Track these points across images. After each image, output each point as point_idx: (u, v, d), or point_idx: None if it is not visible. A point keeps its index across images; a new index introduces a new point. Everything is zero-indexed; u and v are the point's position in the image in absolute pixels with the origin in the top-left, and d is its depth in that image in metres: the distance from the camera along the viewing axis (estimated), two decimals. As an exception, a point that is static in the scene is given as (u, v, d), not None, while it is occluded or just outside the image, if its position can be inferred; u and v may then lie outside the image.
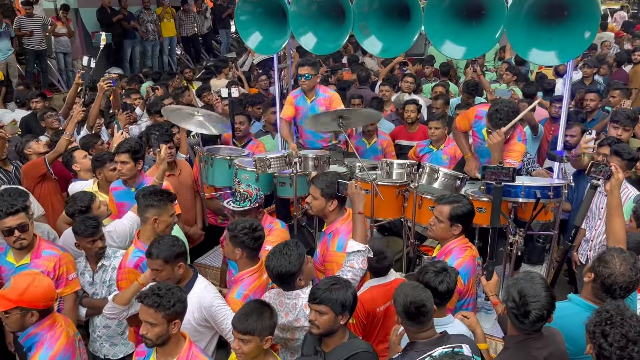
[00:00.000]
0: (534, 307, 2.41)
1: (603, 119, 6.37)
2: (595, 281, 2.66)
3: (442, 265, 2.87)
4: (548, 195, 3.84)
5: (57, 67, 11.17)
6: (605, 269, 2.61)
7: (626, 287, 2.58)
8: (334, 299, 2.64)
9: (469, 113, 4.80)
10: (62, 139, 4.74)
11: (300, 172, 4.41)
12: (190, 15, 13.70)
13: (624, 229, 3.27)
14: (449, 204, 3.38)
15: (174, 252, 3.08)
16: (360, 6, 4.86)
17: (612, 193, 3.32)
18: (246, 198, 3.68)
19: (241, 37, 5.69)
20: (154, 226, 3.46)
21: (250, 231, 3.19)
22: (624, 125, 4.78)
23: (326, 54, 6.80)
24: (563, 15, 4.19)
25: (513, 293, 2.47)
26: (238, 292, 3.19)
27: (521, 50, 4.41)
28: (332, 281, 2.75)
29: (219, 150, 5.17)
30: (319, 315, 2.66)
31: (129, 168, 4.14)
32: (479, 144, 4.69)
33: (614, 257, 2.62)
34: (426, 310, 2.57)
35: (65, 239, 3.92)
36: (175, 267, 3.10)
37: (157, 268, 3.07)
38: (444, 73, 9.09)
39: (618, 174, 3.34)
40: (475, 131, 4.71)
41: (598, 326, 2.21)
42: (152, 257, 3.07)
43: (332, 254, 3.51)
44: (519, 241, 3.90)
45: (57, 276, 3.44)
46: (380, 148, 5.89)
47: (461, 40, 4.58)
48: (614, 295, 2.59)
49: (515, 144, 4.40)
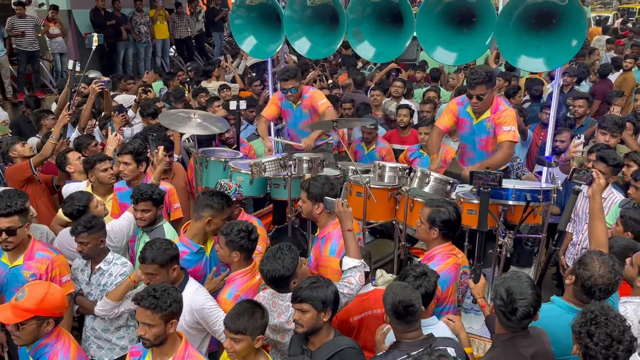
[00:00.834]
0: (520, 304, 2.49)
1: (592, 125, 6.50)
2: (576, 283, 2.74)
3: (422, 269, 2.95)
4: (538, 198, 3.92)
5: (51, 68, 11.14)
6: (585, 272, 2.68)
7: (605, 288, 2.66)
8: (315, 297, 2.70)
9: (450, 106, 4.90)
10: (48, 143, 4.76)
11: (295, 175, 4.47)
12: (184, 18, 13.74)
13: (606, 233, 3.36)
14: (430, 207, 3.45)
15: (169, 256, 3.12)
16: (354, 12, 4.94)
17: (594, 198, 3.41)
18: (225, 190, 3.81)
19: (236, 41, 5.75)
20: (206, 226, 3.53)
21: (246, 234, 3.23)
22: (612, 131, 4.88)
23: (320, 58, 6.87)
24: (551, 24, 4.30)
25: (501, 291, 2.55)
26: (229, 292, 3.24)
27: (510, 57, 4.52)
28: (313, 280, 2.82)
29: (214, 152, 5.22)
30: (302, 314, 2.72)
31: (131, 169, 4.16)
32: (469, 127, 4.75)
33: (594, 259, 2.70)
34: (414, 310, 2.64)
35: (60, 239, 3.94)
36: (170, 271, 3.14)
37: (151, 272, 3.09)
38: (435, 78, 9.19)
39: (599, 179, 3.43)
40: (461, 117, 4.78)
41: (584, 326, 2.28)
42: (146, 262, 3.09)
43: (325, 258, 3.56)
44: (509, 243, 3.99)
45: (49, 279, 3.42)
46: (379, 155, 5.88)
47: (452, 46, 4.68)
48: (594, 296, 2.66)
49: (506, 109, 4.50)
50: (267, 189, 4.84)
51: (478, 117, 4.59)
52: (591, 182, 3.41)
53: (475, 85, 4.36)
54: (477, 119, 4.61)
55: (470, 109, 4.65)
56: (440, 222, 3.37)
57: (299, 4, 5.20)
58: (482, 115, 4.56)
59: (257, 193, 4.86)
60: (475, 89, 4.39)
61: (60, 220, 4.07)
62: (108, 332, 3.58)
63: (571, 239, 4.60)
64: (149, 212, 3.74)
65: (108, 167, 4.32)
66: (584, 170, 3.48)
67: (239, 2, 5.53)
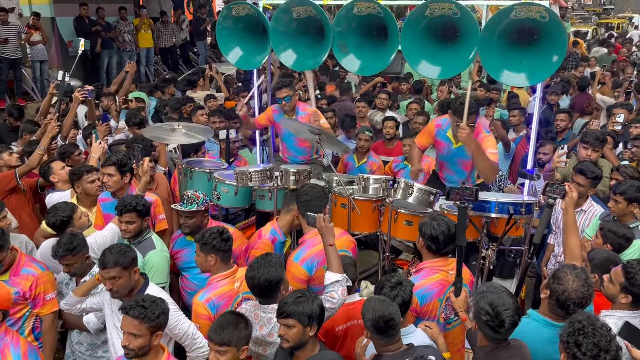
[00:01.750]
0: (506, 315, 2.54)
1: (573, 138, 6.63)
2: (550, 297, 2.79)
3: (397, 279, 2.98)
4: (520, 211, 3.99)
5: (32, 75, 11.03)
6: (559, 286, 2.73)
7: (579, 302, 2.71)
8: (300, 312, 2.71)
9: (428, 127, 4.97)
10: (35, 153, 4.72)
11: (280, 186, 4.48)
12: (169, 27, 13.74)
13: (579, 246, 3.44)
14: (426, 217, 3.51)
15: (129, 258, 3.13)
16: (340, 25, 4.98)
17: (567, 211, 3.49)
18: (193, 201, 3.92)
19: (222, 52, 5.76)
20: (294, 219, 3.91)
21: (218, 234, 3.31)
22: (593, 146, 4.96)
23: (306, 70, 6.91)
24: (533, 39, 4.38)
25: (484, 307, 2.58)
26: (203, 294, 3.29)
27: (493, 71, 4.59)
28: (298, 294, 2.83)
29: (199, 163, 5.20)
30: (288, 329, 2.73)
31: (114, 180, 4.13)
32: (447, 150, 4.81)
33: (567, 273, 2.75)
34: (394, 324, 2.67)
35: (42, 252, 3.89)
36: (132, 273, 3.15)
37: (114, 275, 3.07)
38: (417, 90, 9.28)
39: (572, 192, 3.51)
40: (439, 140, 4.84)
41: (571, 336, 2.33)
42: (108, 266, 3.07)
43: (289, 262, 3.62)
44: (491, 255, 4.04)
45: (33, 296, 3.40)
46: (369, 170, 5.86)
47: (436, 60, 4.73)
48: (568, 310, 2.71)
49: (485, 136, 4.54)
50: (252, 200, 4.84)
51: (457, 142, 4.63)
52: (564, 196, 3.49)
53: (468, 116, 4.37)
54: (456, 143, 4.66)
55: (451, 134, 4.70)
56: (425, 234, 3.39)
57: (285, 16, 5.23)
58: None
59: (242, 204, 4.85)
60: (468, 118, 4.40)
61: (44, 232, 4.01)
62: (95, 347, 3.57)
63: (553, 251, 4.68)
64: (134, 223, 3.72)
65: (95, 178, 4.30)
66: (557, 184, 3.56)
67: (225, 13, 5.54)
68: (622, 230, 3.59)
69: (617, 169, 4.67)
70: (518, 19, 4.27)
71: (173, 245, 4.21)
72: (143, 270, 3.64)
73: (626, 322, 2.73)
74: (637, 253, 3.68)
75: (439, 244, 3.35)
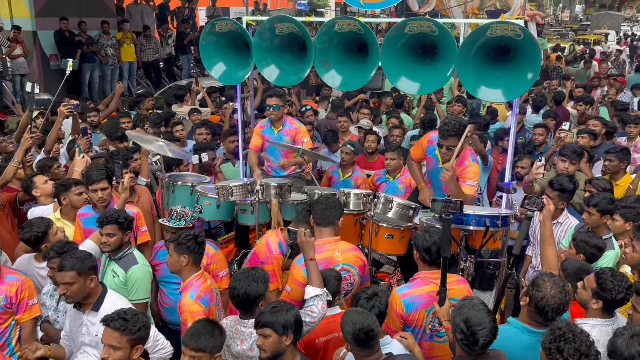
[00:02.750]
0: (481, 334, 2.60)
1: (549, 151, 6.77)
2: (530, 304, 2.88)
3: (372, 290, 3.07)
4: (497, 223, 4.09)
5: (12, 89, 10.95)
6: (538, 293, 2.83)
7: (557, 308, 2.80)
8: (275, 321, 2.77)
9: (421, 141, 5.08)
10: (9, 166, 4.71)
11: (262, 200, 4.52)
12: (152, 41, 13.74)
13: (556, 256, 3.54)
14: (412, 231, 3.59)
15: (87, 265, 3.16)
16: (321, 42, 5.07)
17: (544, 224, 3.60)
18: (182, 217, 3.95)
19: (205, 67, 5.81)
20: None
21: (193, 237, 3.40)
22: (571, 159, 5.10)
23: (288, 85, 6.98)
24: (509, 57, 4.50)
25: (460, 324, 2.64)
26: (190, 294, 3.33)
27: (471, 87, 4.70)
28: (273, 305, 2.89)
29: (181, 177, 5.23)
30: (264, 339, 2.78)
31: (108, 193, 4.20)
32: (433, 167, 4.91)
33: (545, 281, 2.85)
34: (374, 334, 2.74)
35: (19, 265, 3.88)
36: (88, 280, 3.17)
37: (69, 281, 3.10)
38: (398, 105, 9.42)
39: (549, 205, 3.62)
40: (428, 155, 4.95)
41: (553, 343, 2.43)
42: (64, 269, 3.11)
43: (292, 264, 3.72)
44: (470, 267, 4.12)
45: (18, 301, 3.40)
46: (354, 184, 5.91)
47: (416, 76, 4.83)
48: (547, 317, 2.81)
49: (470, 165, 4.65)
50: (234, 213, 4.87)
51: (444, 162, 4.72)
52: (542, 208, 3.59)
53: (447, 137, 4.48)
54: (442, 162, 4.76)
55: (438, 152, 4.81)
56: (419, 246, 3.48)
57: (268, 32, 5.30)
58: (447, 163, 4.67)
59: (224, 217, 4.89)
60: (447, 140, 4.50)
61: (25, 247, 3.99)
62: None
63: (531, 262, 4.77)
64: (115, 236, 3.72)
65: (83, 190, 4.30)
66: (534, 197, 3.66)
67: (209, 29, 5.60)
68: (594, 241, 3.70)
69: (590, 182, 4.80)
70: (494, 36, 4.39)
71: (155, 255, 4.23)
72: (125, 286, 3.66)
73: None
74: (610, 263, 3.80)
75: (432, 254, 3.45)
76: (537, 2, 27.62)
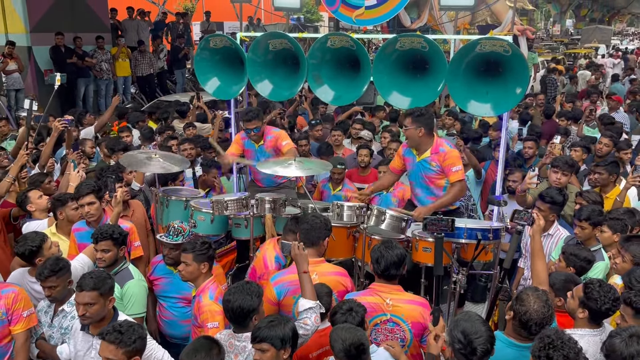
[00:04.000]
0: (478, 343, 2.62)
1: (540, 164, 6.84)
2: (514, 318, 2.92)
3: (348, 305, 3.11)
4: (488, 237, 4.14)
5: (7, 104, 10.98)
6: (521, 307, 2.87)
7: (540, 322, 2.83)
8: (273, 335, 2.77)
9: (399, 150, 5.16)
10: (3, 181, 4.73)
11: (256, 214, 4.56)
12: (146, 56, 13.84)
13: (545, 270, 3.57)
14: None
15: (108, 285, 3.14)
16: (314, 57, 5.16)
17: (534, 238, 3.65)
18: (179, 233, 3.98)
19: (199, 82, 5.88)
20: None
21: (208, 245, 3.57)
22: (563, 170, 5.15)
23: (281, 100, 7.06)
24: (498, 72, 4.60)
25: (457, 335, 2.67)
26: (209, 295, 3.49)
27: (461, 101, 4.78)
28: (270, 319, 2.89)
29: (175, 191, 5.25)
30: (262, 354, 2.78)
31: (96, 207, 4.18)
32: (412, 164, 4.92)
33: (529, 295, 2.89)
34: (364, 348, 2.77)
35: (12, 278, 3.88)
36: (107, 302, 3.14)
37: (89, 301, 3.04)
38: (393, 119, 9.49)
39: (539, 220, 3.66)
40: (406, 157, 4.99)
41: (542, 350, 2.46)
42: (85, 289, 3.04)
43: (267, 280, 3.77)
44: (462, 280, 4.15)
45: (12, 311, 3.39)
46: (344, 197, 5.92)
47: (407, 91, 4.93)
48: (531, 331, 2.84)
49: (448, 151, 4.67)
50: (228, 228, 4.89)
51: (420, 155, 4.79)
52: (532, 223, 3.64)
53: (405, 117, 4.66)
54: (419, 156, 4.81)
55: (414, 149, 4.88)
56: (372, 257, 3.53)
57: (262, 48, 5.39)
58: (423, 154, 4.76)
59: (218, 231, 4.90)
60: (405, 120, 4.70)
61: (20, 261, 3.99)
62: None
63: (523, 274, 4.81)
64: (110, 252, 3.73)
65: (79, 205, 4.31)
66: (524, 211, 3.70)
67: (204, 45, 5.68)
68: (583, 254, 3.73)
69: (580, 194, 4.86)
70: (484, 52, 4.49)
71: (153, 270, 4.23)
72: (121, 301, 3.67)
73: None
74: (600, 274, 3.84)
75: (379, 267, 3.46)
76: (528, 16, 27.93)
